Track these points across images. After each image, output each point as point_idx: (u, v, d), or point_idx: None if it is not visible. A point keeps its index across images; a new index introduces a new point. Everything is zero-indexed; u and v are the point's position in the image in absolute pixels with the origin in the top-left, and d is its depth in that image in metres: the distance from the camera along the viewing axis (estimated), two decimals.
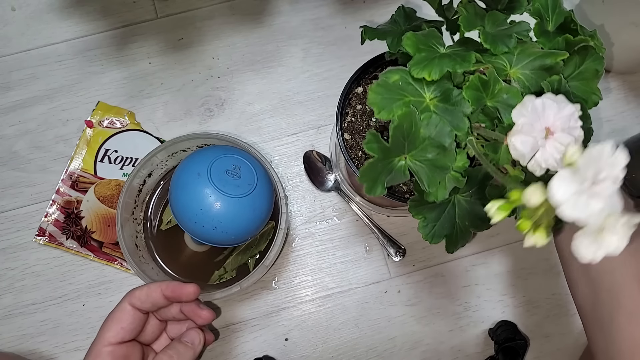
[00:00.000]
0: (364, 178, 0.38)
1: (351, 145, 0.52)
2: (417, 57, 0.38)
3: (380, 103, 0.38)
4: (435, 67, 0.37)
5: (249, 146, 0.57)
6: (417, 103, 0.38)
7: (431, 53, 0.38)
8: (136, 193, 0.60)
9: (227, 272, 0.61)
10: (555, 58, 0.38)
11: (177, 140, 0.58)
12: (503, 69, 0.39)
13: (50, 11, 0.70)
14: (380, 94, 0.38)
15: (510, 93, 0.37)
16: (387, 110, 0.38)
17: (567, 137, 0.27)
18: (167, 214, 0.63)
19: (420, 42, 0.39)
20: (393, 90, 0.38)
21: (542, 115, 0.28)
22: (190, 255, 0.62)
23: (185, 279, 0.60)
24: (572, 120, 0.28)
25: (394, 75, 0.39)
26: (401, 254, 0.63)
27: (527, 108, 0.28)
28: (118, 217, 0.56)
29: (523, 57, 0.39)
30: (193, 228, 0.53)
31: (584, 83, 0.41)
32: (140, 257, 0.58)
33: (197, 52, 0.69)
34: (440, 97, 0.39)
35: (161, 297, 0.47)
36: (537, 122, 0.28)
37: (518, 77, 0.39)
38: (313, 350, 0.62)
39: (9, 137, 0.66)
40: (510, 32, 0.39)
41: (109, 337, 0.45)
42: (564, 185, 0.23)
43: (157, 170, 0.62)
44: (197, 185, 0.52)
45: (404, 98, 0.38)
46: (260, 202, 0.55)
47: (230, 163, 0.54)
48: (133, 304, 0.46)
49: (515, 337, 0.59)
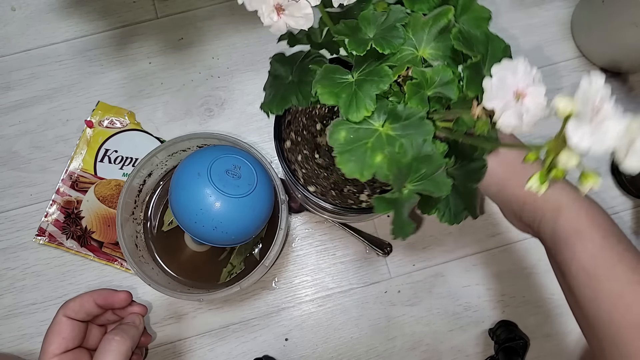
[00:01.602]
0: (396, 230, 0.37)
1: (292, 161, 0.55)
2: (342, 103, 0.37)
3: (354, 167, 0.37)
4: (365, 100, 0.36)
5: (249, 146, 0.57)
6: (377, 139, 0.37)
7: (348, 89, 0.37)
8: (136, 193, 0.60)
9: (235, 266, 0.61)
10: (445, 17, 0.38)
11: (177, 140, 0.58)
12: (414, 56, 0.38)
13: (50, 11, 0.70)
14: (348, 160, 0.37)
15: (440, 72, 0.37)
16: (366, 168, 0.37)
17: (538, 92, 0.29)
18: (168, 215, 0.63)
19: (332, 86, 0.38)
20: (352, 145, 0.37)
21: (507, 82, 0.29)
22: (190, 255, 0.62)
23: (190, 281, 0.61)
24: (532, 76, 0.30)
25: (340, 134, 0.38)
26: (388, 249, 0.63)
27: (493, 82, 0.29)
28: (118, 217, 0.56)
29: (420, 35, 0.39)
30: (193, 228, 0.53)
31: (473, 21, 0.41)
32: (140, 257, 0.58)
33: (197, 52, 0.69)
34: (390, 119, 0.38)
35: (94, 306, 0.48)
36: (504, 89, 0.29)
37: (430, 54, 0.39)
38: (313, 350, 0.62)
39: (9, 137, 0.66)
40: (390, 25, 0.38)
41: (53, 350, 0.46)
42: (580, 133, 0.25)
43: (157, 170, 0.62)
44: (197, 185, 0.52)
45: (366, 145, 0.37)
46: (260, 202, 0.55)
47: (230, 163, 0.54)
48: (68, 315, 0.47)
49: (515, 337, 0.59)
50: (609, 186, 0.66)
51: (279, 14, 0.32)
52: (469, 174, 0.43)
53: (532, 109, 0.29)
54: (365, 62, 0.38)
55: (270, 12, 0.32)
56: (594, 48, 0.68)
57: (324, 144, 0.56)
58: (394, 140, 0.38)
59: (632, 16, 0.59)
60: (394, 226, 0.38)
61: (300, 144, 0.56)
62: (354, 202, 0.54)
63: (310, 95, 0.43)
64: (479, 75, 0.36)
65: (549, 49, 0.70)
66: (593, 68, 0.69)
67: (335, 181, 0.55)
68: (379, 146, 0.37)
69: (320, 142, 0.56)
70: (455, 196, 0.43)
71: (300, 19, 0.32)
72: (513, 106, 0.29)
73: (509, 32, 0.71)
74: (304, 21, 0.32)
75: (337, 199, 0.54)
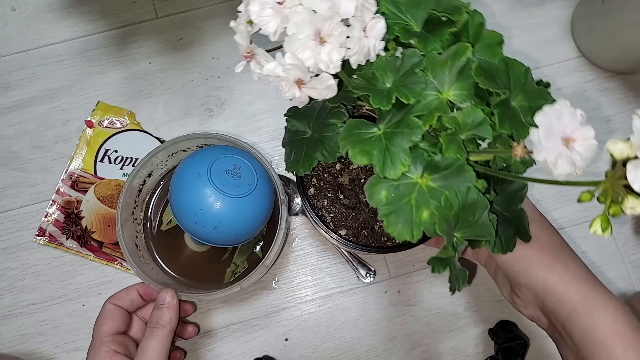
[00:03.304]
0: (453, 283, 0.37)
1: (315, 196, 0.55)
2: (376, 161, 0.36)
3: (403, 229, 0.36)
4: (399, 154, 0.35)
5: (249, 146, 0.57)
6: (419, 193, 0.36)
7: (378, 144, 0.36)
8: (136, 193, 0.60)
9: (239, 265, 0.61)
10: (463, 55, 0.37)
11: (177, 140, 0.58)
12: (439, 100, 0.37)
13: (50, 11, 0.70)
14: (396, 222, 0.36)
15: (471, 114, 0.36)
16: (415, 227, 0.36)
17: (587, 135, 0.28)
18: (167, 214, 0.63)
19: (362, 144, 0.36)
20: (396, 205, 0.36)
21: (554, 130, 0.28)
22: (190, 255, 0.62)
23: (191, 282, 0.61)
24: (578, 118, 0.29)
25: (381, 194, 0.36)
26: (372, 275, 0.63)
27: (540, 134, 0.28)
28: (118, 217, 0.56)
29: (441, 76, 0.37)
30: (193, 228, 0.53)
31: (487, 48, 0.40)
32: (140, 257, 0.58)
33: (197, 52, 0.69)
34: (430, 170, 0.37)
35: (137, 295, 0.54)
36: (553, 138, 0.28)
37: (455, 95, 0.37)
38: (313, 350, 0.62)
39: (9, 137, 0.66)
40: (408, 70, 0.36)
41: (106, 330, 0.51)
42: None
43: (157, 170, 0.62)
44: (197, 185, 0.52)
45: (410, 203, 0.36)
46: (260, 202, 0.55)
47: (230, 163, 0.54)
48: (114, 302, 0.53)
49: (515, 337, 0.59)
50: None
51: (300, 87, 0.31)
52: (510, 196, 0.42)
53: (584, 153, 0.27)
54: (390, 113, 0.37)
55: (290, 87, 0.31)
56: (594, 48, 0.68)
57: (346, 184, 0.55)
58: (437, 192, 0.36)
59: (632, 16, 0.59)
60: (451, 282, 0.37)
61: (323, 188, 0.55)
62: (387, 238, 0.53)
63: (336, 150, 0.41)
64: (509, 110, 0.35)
65: (549, 49, 0.70)
66: (593, 68, 0.69)
67: (365, 220, 0.54)
68: (424, 201, 0.36)
69: (342, 182, 0.55)
70: (503, 222, 0.41)
71: (323, 90, 0.31)
72: (564, 154, 0.27)
73: (509, 32, 0.70)
74: (327, 92, 0.31)
75: (370, 238, 0.54)
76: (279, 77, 0.30)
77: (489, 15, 0.71)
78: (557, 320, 0.43)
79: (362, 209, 0.54)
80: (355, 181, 0.55)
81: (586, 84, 0.69)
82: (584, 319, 0.41)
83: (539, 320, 0.46)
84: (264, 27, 0.30)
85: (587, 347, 0.40)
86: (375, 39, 0.32)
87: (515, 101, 0.37)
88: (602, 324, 0.40)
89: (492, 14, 0.71)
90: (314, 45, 0.30)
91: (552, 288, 0.43)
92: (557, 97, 0.73)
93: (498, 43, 0.40)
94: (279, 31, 0.30)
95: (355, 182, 0.55)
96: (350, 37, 0.30)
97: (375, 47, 0.33)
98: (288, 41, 0.30)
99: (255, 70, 0.32)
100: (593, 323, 0.40)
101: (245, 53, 0.32)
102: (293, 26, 0.29)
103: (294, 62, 0.30)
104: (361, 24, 0.31)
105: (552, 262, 0.43)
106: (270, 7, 0.30)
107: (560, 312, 0.42)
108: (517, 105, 0.37)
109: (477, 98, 0.37)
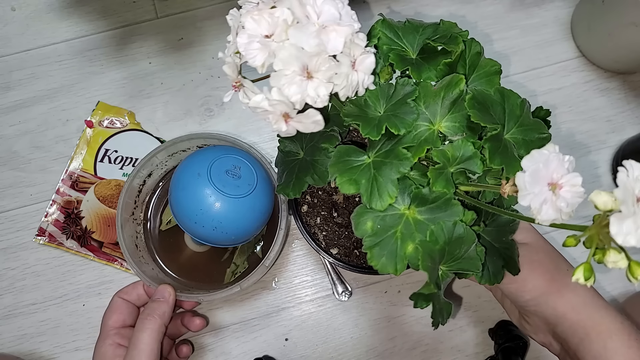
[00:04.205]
0: (437, 318, 0.37)
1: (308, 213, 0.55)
2: (364, 190, 0.36)
3: (387, 262, 0.36)
4: (386, 186, 0.35)
5: (249, 146, 0.57)
6: (405, 226, 0.36)
7: (367, 173, 0.36)
8: (136, 193, 0.60)
9: (239, 265, 0.61)
10: (456, 87, 0.36)
11: (177, 140, 0.58)
12: (430, 131, 0.36)
13: (50, 11, 0.70)
14: (379, 255, 0.36)
15: (461, 147, 0.36)
16: (399, 261, 0.35)
17: (574, 181, 0.28)
18: (166, 214, 0.63)
19: (350, 172, 0.36)
20: (381, 237, 0.36)
21: (540, 175, 0.28)
22: (190, 255, 0.62)
23: (191, 282, 0.61)
24: (566, 164, 0.28)
25: (366, 225, 0.36)
26: (347, 295, 0.62)
27: (526, 178, 0.28)
28: (118, 218, 0.56)
29: (433, 107, 0.37)
30: (193, 228, 0.53)
31: (484, 77, 0.39)
32: (140, 258, 0.58)
33: (197, 52, 0.69)
34: (417, 203, 0.36)
35: (143, 290, 0.55)
36: (539, 183, 0.28)
37: (446, 126, 0.37)
38: (313, 350, 0.62)
39: (9, 137, 0.66)
40: (400, 99, 0.36)
41: (112, 323, 0.52)
42: (624, 229, 0.23)
43: (157, 170, 0.62)
44: (197, 186, 0.52)
45: (395, 235, 0.36)
46: (260, 202, 0.55)
47: (230, 163, 0.54)
48: (121, 296, 0.54)
49: (515, 337, 0.59)
50: (609, 186, 0.66)
51: (287, 121, 0.31)
52: (501, 228, 0.41)
53: (570, 199, 0.27)
54: (380, 142, 0.37)
55: (277, 121, 0.31)
56: (594, 48, 0.68)
57: (340, 202, 0.55)
58: (423, 225, 0.36)
59: (632, 16, 0.59)
60: (434, 317, 0.37)
61: (317, 205, 0.55)
62: None
63: (326, 175, 0.41)
64: (501, 145, 0.35)
65: (549, 49, 0.70)
66: (593, 68, 0.69)
67: (358, 239, 0.53)
68: (409, 234, 0.36)
69: (336, 200, 0.55)
70: (492, 254, 0.41)
71: (310, 125, 0.31)
72: (549, 200, 0.27)
73: (509, 32, 0.71)
74: (314, 126, 0.31)
75: (361, 259, 0.53)
76: (265, 110, 0.30)
77: (490, 15, 0.71)
78: (569, 347, 0.43)
79: None
80: (350, 199, 0.55)
81: (586, 84, 0.69)
82: (596, 346, 0.41)
83: (551, 346, 0.46)
84: (250, 61, 0.30)
85: None
86: (364, 74, 0.32)
87: (509, 134, 0.36)
88: (616, 351, 0.40)
89: (492, 13, 0.71)
90: (300, 80, 0.29)
91: (563, 316, 0.42)
92: (557, 97, 0.73)
93: (496, 72, 0.39)
94: (267, 64, 0.29)
95: (349, 201, 0.55)
96: (338, 73, 0.30)
97: (364, 82, 0.32)
98: (274, 76, 0.29)
99: (243, 100, 0.32)
100: (606, 351, 0.40)
101: (233, 83, 0.32)
102: (279, 62, 0.29)
103: (279, 99, 0.29)
104: (350, 59, 0.30)
105: (561, 289, 0.43)
106: (258, 40, 0.29)
107: (572, 339, 0.42)
108: (510, 138, 0.36)
109: (469, 130, 0.37)
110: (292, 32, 0.29)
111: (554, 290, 0.43)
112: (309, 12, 0.29)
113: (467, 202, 0.37)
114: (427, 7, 0.71)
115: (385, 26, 0.40)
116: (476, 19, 0.71)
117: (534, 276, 0.43)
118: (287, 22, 0.29)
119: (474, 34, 0.71)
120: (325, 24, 0.29)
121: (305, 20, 0.29)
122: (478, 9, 0.72)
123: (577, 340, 0.42)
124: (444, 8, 0.71)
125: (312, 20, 0.29)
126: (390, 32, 0.39)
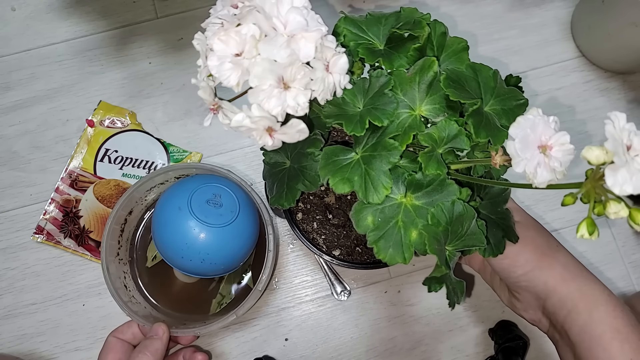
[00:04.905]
0: (452, 299, 0.37)
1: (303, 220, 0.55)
2: (358, 187, 0.36)
3: (394, 253, 0.36)
4: (379, 178, 0.35)
5: (228, 171, 0.56)
6: (405, 213, 0.36)
7: (357, 169, 0.36)
8: (119, 233, 0.59)
9: (225, 296, 0.60)
10: (430, 69, 0.37)
11: (153, 174, 0.57)
12: (412, 117, 0.37)
13: (50, 11, 0.70)
14: (385, 247, 0.36)
15: (445, 127, 0.36)
16: (406, 250, 0.36)
17: (563, 140, 0.28)
18: (151, 250, 0.61)
19: (341, 172, 0.36)
20: (384, 229, 0.36)
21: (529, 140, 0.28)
22: (181, 287, 0.61)
23: (182, 315, 0.59)
24: (552, 125, 0.29)
25: (367, 220, 0.36)
26: (346, 294, 0.62)
27: (516, 146, 0.28)
28: (103, 261, 0.55)
29: (411, 93, 0.37)
30: (181, 263, 0.52)
31: (453, 56, 0.39)
32: (132, 298, 0.57)
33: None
34: (412, 189, 0.37)
35: (137, 329, 0.55)
36: (529, 148, 0.28)
37: (427, 109, 0.37)
38: (313, 350, 0.62)
39: (9, 137, 0.66)
40: (377, 91, 0.36)
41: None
42: (620, 179, 0.24)
43: (138, 206, 0.61)
44: (180, 220, 0.51)
45: (397, 225, 0.36)
46: (245, 228, 0.54)
47: (210, 192, 0.53)
48: (116, 335, 0.54)
49: (515, 337, 0.59)
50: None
51: (271, 135, 0.31)
52: (495, 199, 0.42)
53: (561, 158, 0.28)
54: (365, 137, 0.37)
55: (262, 136, 0.31)
56: (594, 48, 0.68)
57: (333, 203, 0.55)
58: (423, 210, 0.36)
59: (632, 16, 0.59)
60: (449, 298, 0.37)
61: (311, 211, 0.55)
62: None
63: (317, 179, 0.41)
64: (483, 118, 0.35)
65: (549, 49, 0.70)
66: (593, 68, 0.69)
67: (357, 236, 0.54)
68: (410, 222, 0.36)
69: (329, 201, 0.55)
70: (491, 226, 0.41)
71: (295, 134, 0.31)
72: (542, 162, 0.28)
73: (509, 32, 0.71)
74: (299, 135, 0.31)
75: (364, 255, 0.53)
76: (249, 128, 0.30)
77: (489, 15, 0.71)
78: (556, 320, 0.43)
79: (352, 226, 0.54)
80: (342, 199, 0.55)
81: (586, 84, 0.69)
82: (583, 316, 0.41)
83: (540, 323, 0.46)
84: (225, 81, 0.30)
85: (585, 343, 0.41)
86: (339, 75, 0.32)
87: (488, 106, 0.37)
88: (601, 321, 0.40)
89: (492, 13, 0.71)
90: (278, 93, 0.29)
91: (553, 288, 0.43)
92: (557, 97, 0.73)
93: (463, 49, 0.39)
94: (242, 82, 0.29)
95: (342, 200, 0.55)
96: (314, 79, 0.30)
97: (340, 82, 0.32)
98: (252, 93, 0.29)
99: (224, 122, 0.31)
100: (591, 320, 0.41)
101: (211, 106, 0.32)
102: (255, 79, 0.28)
103: (260, 114, 0.29)
104: (323, 63, 0.30)
105: (552, 263, 0.44)
106: (229, 60, 0.29)
107: (560, 311, 0.42)
108: (490, 110, 0.37)
109: (450, 110, 0.37)
110: (262, 46, 0.28)
111: (545, 264, 0.43)
112: (275, 23, 0.29)
113: (460, 179, 0.38)
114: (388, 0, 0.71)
115: (348, 22, 0.40)
116: (476, 18, 0.71)
117: (526, 251, 0.43)
118: (255, 37, 0.29)
119: (475, 33, 0.71)
120: (293, 33, 0.29)
121: (273, 33, 0.29)
122: (477, 8, 0.72)
123: (565, 312, 0.42)
124: (444, 8, 0.71)
125: (279, 31, 0.29)
126: (354, 28, 0.40)
